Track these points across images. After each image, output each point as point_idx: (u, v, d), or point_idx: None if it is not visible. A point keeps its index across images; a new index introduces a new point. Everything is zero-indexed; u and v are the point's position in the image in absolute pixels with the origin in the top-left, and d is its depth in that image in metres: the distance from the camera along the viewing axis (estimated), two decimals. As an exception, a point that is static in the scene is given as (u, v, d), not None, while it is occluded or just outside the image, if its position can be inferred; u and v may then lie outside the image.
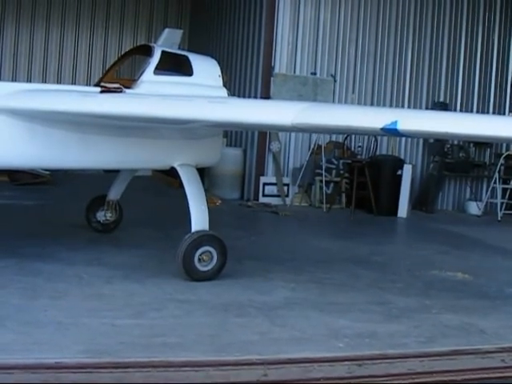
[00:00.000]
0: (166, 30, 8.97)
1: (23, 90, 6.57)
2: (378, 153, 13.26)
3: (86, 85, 14.76)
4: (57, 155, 6.64)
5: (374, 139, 12.94)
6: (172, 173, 7.40)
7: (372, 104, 13.77)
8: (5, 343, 4.57)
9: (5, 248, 7.33)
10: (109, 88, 6.89)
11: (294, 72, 13.31)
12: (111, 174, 8.64)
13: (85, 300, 5.81)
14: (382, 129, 4.86)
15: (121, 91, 6.90)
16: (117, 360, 4.38)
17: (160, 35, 8.89)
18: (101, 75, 8.87)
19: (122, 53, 10.11)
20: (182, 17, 18.60)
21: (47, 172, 12.71)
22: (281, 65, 13.18)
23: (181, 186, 7.08)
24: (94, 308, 5.58)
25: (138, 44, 13.39)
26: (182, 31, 9.25)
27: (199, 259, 6.60)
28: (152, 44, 7.98)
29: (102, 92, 6.78)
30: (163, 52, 7.46)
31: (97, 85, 7.36)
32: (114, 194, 8.61)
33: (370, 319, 5.78)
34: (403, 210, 12.70)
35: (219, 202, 12.23)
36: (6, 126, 6.28)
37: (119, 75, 8.40)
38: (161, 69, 7.31)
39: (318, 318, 5.71)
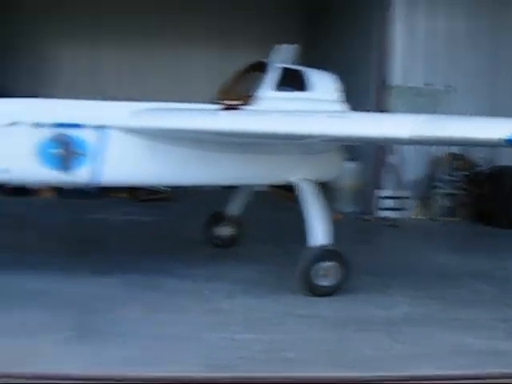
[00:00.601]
0: (280, 46, 8.99)
1: (144, 109, 6.75)
2: (498, 164, 12.90)
3: (202, 102, 14.99)
4: (177, 172, 6.80)
5: (494, 150, 12.57)
6: (287, 187, 7.43)
7: (491, 115, 13.37)
8: (125, 357, 4.70)
9: (129, 264, 7.54)
10: (229, 105, 7.00)
11: (410, 83, 13.11)
12: (229, 190, 8.73)
13: (204, 315, 5.91)
14: (506, 140, 4.72)
15: (241, 108, 6.99)
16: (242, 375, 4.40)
17: (274, 51, 8.94)
18: (217, 92, 8.97)
19: (237, 70, 10.21)
20: (296, 32, 18.66)
21: (168, 188, 12.99)
22: (396, 77, 13.03)
23: (296, 200, 7.10)
24: (213, 322, 5.67)
25: (253, 61, 13.52)
26: (296, 46, 9.24)
27: (320, 274, 6.59)
28: (267, 60, 8.03)
29: (223, 109, 6.89)
30: (279, 68, 7.52)
31: (215, 102, 7.46)
32: (235, 209, 8.72)
33: (492, 336, 5.62)
34: (526, 223, 12.25)
35: (341, 216, 12.08)
36: (130, 144, 6.48)
37: (235, 92, 8.47)
38: (278, 85, 7.36)
39: (439, 335, 5.60)
